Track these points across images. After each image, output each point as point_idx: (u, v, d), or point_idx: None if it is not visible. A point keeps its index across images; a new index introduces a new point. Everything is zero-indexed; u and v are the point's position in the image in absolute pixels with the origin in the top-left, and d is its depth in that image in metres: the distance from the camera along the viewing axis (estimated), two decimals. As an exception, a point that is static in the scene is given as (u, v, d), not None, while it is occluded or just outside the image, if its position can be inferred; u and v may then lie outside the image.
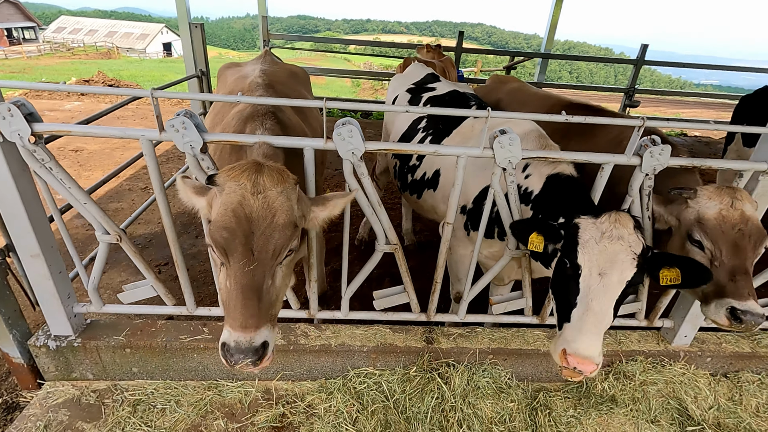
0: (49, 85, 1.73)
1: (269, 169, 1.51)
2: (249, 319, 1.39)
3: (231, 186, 1.46)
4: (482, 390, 2.35)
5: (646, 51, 8.26)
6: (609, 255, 1.60)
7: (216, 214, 1.46)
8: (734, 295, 1.74)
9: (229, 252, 1.42)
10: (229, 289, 1.44)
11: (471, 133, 2.43)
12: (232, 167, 1.51)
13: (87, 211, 1.96)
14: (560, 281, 1.75)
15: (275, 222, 1.44)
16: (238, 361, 1.40)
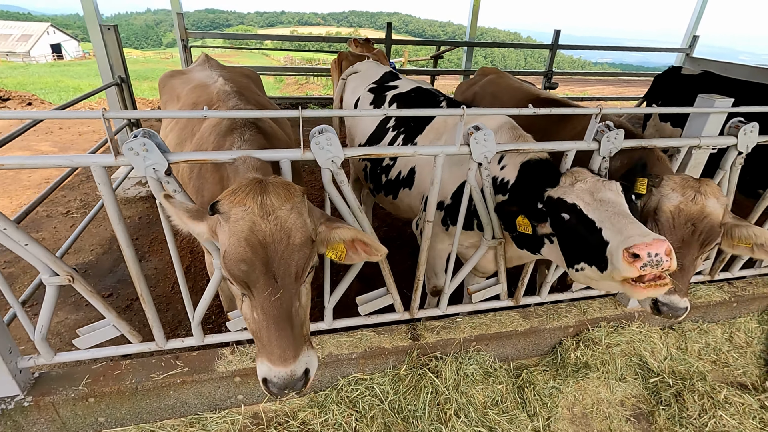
0: None
1: (274, 186, 1.39)
2: (286, 351, 1.33)
3: (237, 212, 1.33)
4: (471, 377, 2.43)
5: (559, 36, 8.90)
6: (588, 187, 1.68)
7: (228, 246, 1.33)
8: None
9: (250, 284, 1.33)
10: (257, 320, 1.36)
11: (444, 128, 2.45)
12: (233, 190, 1.37)
13: (29, 253, 1.70)
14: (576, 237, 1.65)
15: (292, 243, 1.35)
16: (284, 395, 1.36)
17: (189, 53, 7.54)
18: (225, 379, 2.25)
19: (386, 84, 3.16)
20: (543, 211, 1.80)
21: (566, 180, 1.73)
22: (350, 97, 3.47)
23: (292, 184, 1.45)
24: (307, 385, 1.39)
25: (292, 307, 1.37)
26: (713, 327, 2.99)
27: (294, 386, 1.35)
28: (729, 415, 2.30)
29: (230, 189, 1.41)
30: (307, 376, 1.38)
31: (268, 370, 1.34)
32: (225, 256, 1.34)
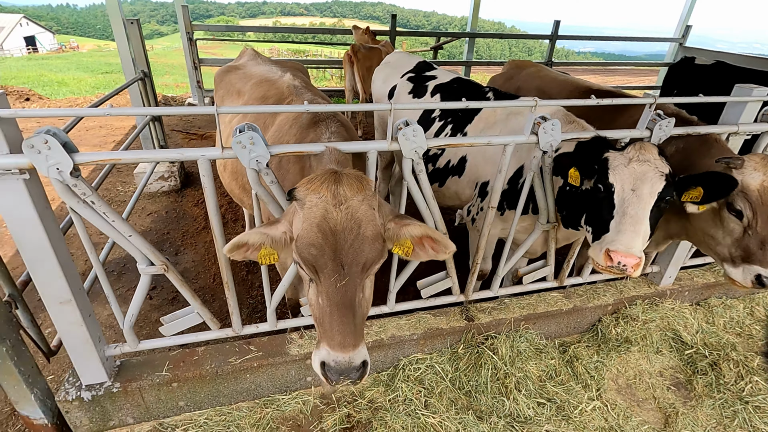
0: (91, 110, 1.52)
1: (348, 177, 1.44)
2: (347, 338, 1.34)
3: (312, 199, 1.39)
4: (524, 354, 2.59)
5: (559, 26, 9.05)
6: (638, 173, 1.86)
7: (301, 231, 1.39)
8: (762, 263, 1.95)
9: (318, 269, 1.37)
10: (321, 306, 1.40)
11: (494, 118, 2.57)
12: (311, 179, 1.44)
13: (131, 244, 1.78)
14: (595, 207, 1.96)
15: (362, 233, 1.38)
16: (339, 381, 1.37)
17: (194, 46, 7.47)
18: (297, 362, 2.36)
19: (424, 74, 3.25)
20: (594, 169, 1.96)
21: (630, 152, 1.88)
22: (382, 87, 3.56)
23: (366, 176, 1.50)
24: (362, 378, 1.39)
25: (355, 297, 1.38)
26: (735, 302, 3.20)
27: (350, 374, 1.35)
28: (764, 380, 2.50)
29: (307, 178, 1.46)
30: (365, 368, 1.39)
31: (327, 355, 1.35)
32: (297, 239, 1.39)
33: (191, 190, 5.19)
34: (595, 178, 1.98)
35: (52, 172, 1.48)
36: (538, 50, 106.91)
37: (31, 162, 1.46)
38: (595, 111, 2.77)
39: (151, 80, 4.62)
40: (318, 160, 1.78)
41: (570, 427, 2.25)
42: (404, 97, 3.18)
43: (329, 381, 1.36)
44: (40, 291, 1.77)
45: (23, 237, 1.63)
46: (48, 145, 1.43)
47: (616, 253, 1.78)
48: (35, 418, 2.06)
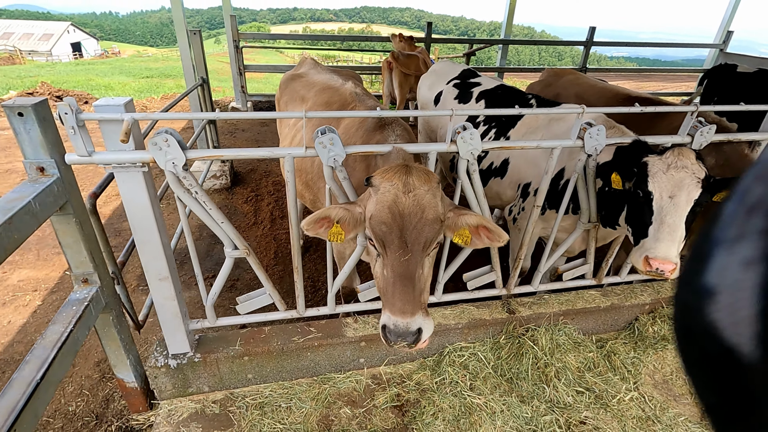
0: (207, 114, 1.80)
1: (417, 170, 1.68)
2: (406, 305, 1.57)
3: (386, 186, 1.64)
4: (562, 346, 2.73)
5: (594, 33, 9.06)
6: (676, 180, 1.99)
7: (374, 211, 1.64)
8: None
9: (386, 243, 1.61)
10: (386, 277, 1.63)
11: (536, 123, 2.75)
12: (385, 170, 1.69)
13: (222, 229, 2.05)
14: (635, 210, 2.12)
15: (425, 217, 1.61)
16: (397, 342, 1.57)
17: (240, 53, 7.90)
18: (353, 344, 2.59)
19: (468, 80, 3.45)
20: (634, 172, 2.11)
21: (669, 157, 2.02)
22: (428, 93, 3.78)
23: (431, 172, 1.74)
24: (417, 343, 1.57)
25: (416, 272, 1.60)
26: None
27: (406, 338, 1.55)
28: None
29: (382, 169, 1.72)
30: (420, 335, 1.57)
31: (388, 319, 1.57)
32: (371, 218, 1.64)
33: (240, 188, 5.54)
34: (635, 181, 2.12)
35: (169, 166, 1.76)
36: (568, 55, 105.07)
37: (152, 157, 1.74)
38: (633, 117, 2.90)
39: (208, 86, 5.00)
40: (385, 159, 2.01)
41: (608, 414, 2.39)
42: (450, 103, 3.38)
43: (388, 342, 1.59)
44: (145, 268, 2.07)
45: (137, 221, 1.92)
46: (168, 143, 1.72)
47: (654, 260, 1.98)
48: (128, 381, 2.36)
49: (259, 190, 5.48)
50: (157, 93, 21.83)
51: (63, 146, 1.79)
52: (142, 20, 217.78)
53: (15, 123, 1.62)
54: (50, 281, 3.70)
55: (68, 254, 1.92)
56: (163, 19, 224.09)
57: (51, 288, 3.62)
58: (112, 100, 1.72)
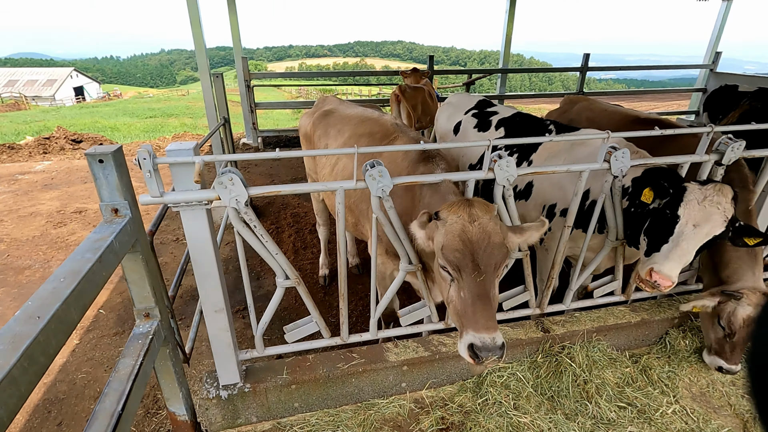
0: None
1: (478, 202, 1.88)
2: (489, 321, 1.71)
3: (452, 218, 1.82)
4: (598, 363, 2.79)
5: (588, 59, 9.46)
6: (706, 213, 2.13)
7: (445, 241, 1.80)
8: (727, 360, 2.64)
9: (461, 268, 1.76)
10: (464, 299, 1.77)
11: (557, 148, 2.90)
12: (450, 204, 1.88)
13: (276, 261, 2.16)
14: (658, 226, 2.26)
15: (492, 242, 1.79)
16: (487, 357, 1.69)
17: (252, 92, 8.22)
18: (395, 368, 2.64)
19: (486, 110, 3.64)
20: (670, 192, 2.24)
21: (710, 190, 2.15)
22: (446, 124, 3.97)
23: (489, 203, 1.92)
24: (502, 358, 1.71)
25: (491, 291, 1.76)
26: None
27: (495, 352, 1.66)
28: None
29: (447, 204, 1.89)
30: (504, 348, 1.70)
31: (473, 337, 1.68)
32: (443, 248, 1.80)
33: (261, 221, 5.66)
34: (667, 201, 2.25)
35: (232, 203, 1.89)
36: (558, 80, 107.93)
37: (218, 195, 1.88)
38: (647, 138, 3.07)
39: (229, 125, 5.22)
40: (434, 190, 2.15)
41: (652, 428, 2.42)
42: (470, 132, 3.56)
43: (477, 360, 1.69)
44: (203, 300, 2.17)
45: (199, 255, 2.04)
46: (232, 182, 1.85)
47: (657, 274, 2.15)
48: (179, 414, 2.40)
49: (279, 223, 5.60)
50: (161, 132, 22.35)
51: (133, 189, 1.92)
52: (143, 63, 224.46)
53: (95, 169, 1.75)
54: (85, 320, 3.77)
55: (133, 290, 2.02)
56: (162, 61, 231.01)
57: (86, 327, 3.68)
58: (181, 144, 1.87)
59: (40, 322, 1.21)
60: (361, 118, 3.10)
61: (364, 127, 2.97)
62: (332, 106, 3.54)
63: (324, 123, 3.37)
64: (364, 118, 3.08)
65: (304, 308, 3.89)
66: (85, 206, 6.14)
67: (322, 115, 3.47)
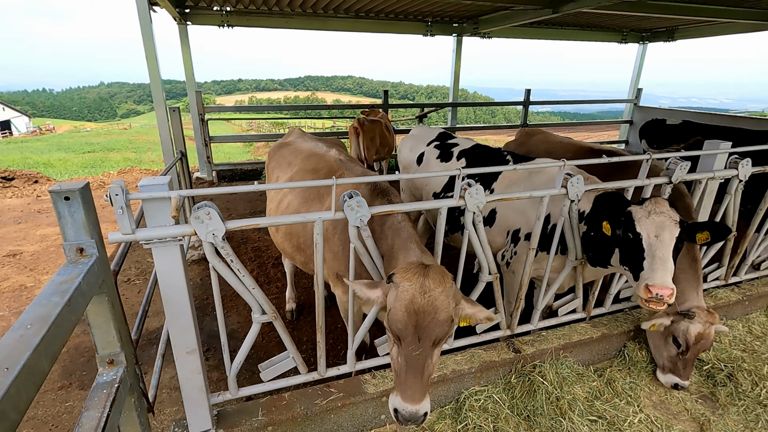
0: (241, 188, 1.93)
1: (434, 271, 1.83)
2: (416, 393, 1.76)
3: (405, 285, 1.79)
4: (568, 379, 2.90)
5: (530, 94, 10.24)
6: (658, 223, 2.34)
7: (393, 308, 1.80)
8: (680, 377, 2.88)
9: (401, 338, 1.79)
10: (399, 363, 1.82)
11: (516, 177, 3.09)
12: (406, 269, 1.84)
13: (252, 295, 2.10)
14: (629, 251, 2.43)
15: (437, 318, 1.76)
16: (407, 425, 1.79)
17: (206, 126, 8.07)
18: (374, 400, 2.60)
19: (447, 141, 3.83)
20: (622, 220, 2.44)
21: (648, 206, 2.38)
22: (409, 155, 4.11)
23: (447, 272, 1.89)
24: (422, 423, 1.80)
25: (425, 363, 1.78)
26: (734, 323, 3.64)
27: (416, 421, 1.77)
28: (775, 384, 2.89)
29: (403, 266, 1.87)
30: (425, 417, 1.78)
31: (400, 404, 1.77)
32: (390, 313, 1.81)
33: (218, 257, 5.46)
34: (624, 228, 2.45)
35: (209, 237, 1.85)
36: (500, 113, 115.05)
37: (194, 230, 1.82)
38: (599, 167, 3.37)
39: (186, 159, 5.08)
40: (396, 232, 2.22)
41: (623, 439, 2.54)
42: (433, 162, 3.72)
43: (399, 423, 1.79)
44: (174, 342, 2.05)
45: (171, 294, 1.94)
46: (210, 216, 1.82)
47: (653, 286, 2.26)
48: (144, 471, 2.21)
49: (240, 257, 5.42)
50: (102, 167, 21.17)
51: (100, 227, 1.83)
52: (79, 96, 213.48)
53: (60, 207, 1.66)
54: (24, 375, 3.39)
55: (97, 335, 1.88)
56: (101, 94, 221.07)
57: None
58: (153, 179, 1.82)
59: (10, 374, 1.11)
60: (309, 153, 3.13)
61: (310, 163, 3.01)
62: (291, 139, 3.59)
63: (278, 155, 3.41)
64: (312, 153, 3.12)
65: (272, 345, 3.76)
66: (20, 248, 5.62)
67: (278, 146, 3.52)
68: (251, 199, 7.84)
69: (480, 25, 9.17)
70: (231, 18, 8.00)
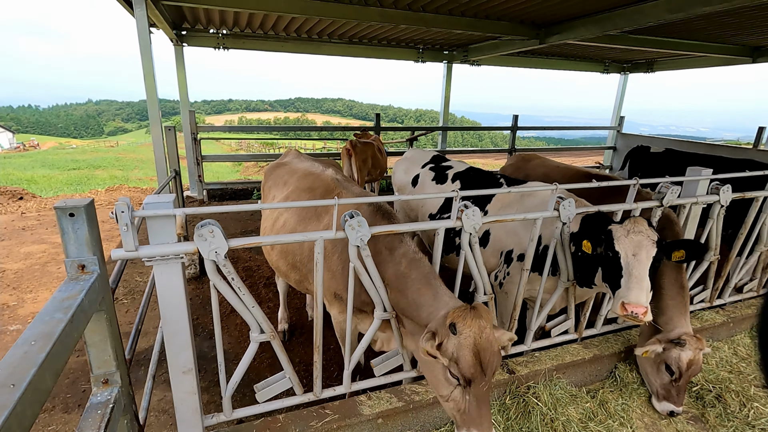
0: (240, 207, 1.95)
1: (482, 310, 1.97)
2: (490, 423, 1.93)
3: (466, 332, 1.90)
4: (561, 400, 2.92)
5: (518, 119, 10.54)
6: (636, 242, 2.44)
7: (461, 356, 1.89)
8: (675, 404, 2.90)
9: (473, 379, 1.89)
10: (469, 401, 1.93)
11: (509, 200, 3.18)
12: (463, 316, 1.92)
13: (252, 314, 2.10)
14: (608, 268, 2.54)
15: (496, 351, 1.94)
16: None
17: (198, 145, 8.10)
18: (370, 422, 2.57)
19: (441, 164, 3.92)
20: (602, 239, 2.53)
21: (628, 224, 2.47)
22: (404, 177, 4.19)
23: (488, 309, 2.05)
24: None
25: (489, 393, 1.96)
26: (720, 344, 3.72)
27: None
28: (762, 405, 2.94)
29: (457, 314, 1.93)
30: None
31: None
32: (459, 362, 1.89)
33: (206, 278, 5.40)
34: (604, 245, 2.54)
35: (212, 255, 1.86)
36: (487, 137, 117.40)
37: (197, 247, 1.84)
38: (591, 190, 3.49)
39: (180, 178, 5.08)
40: (412, 264, 2.25)
41: (617, 461, 2.55)
42: (429, 184, 3.80)
43: None
44: (170, 361, 2.03)
45: (171, 312, 1.94)
46: (213, 234, 1.84)
47: (628, 305, 2.37)
48: (132, 497, 2.14)
49: (230, 277, 5.37)
50: (89, 185, 20.89)
51: (102, 243, 1.83)
52: (66, 113, 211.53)
53: (64, 223, 1.66)
54: None
55: (93, 354, 1.85)
56: (89, 112, 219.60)
57: None
58: (159, 197, 1.84)
59: (16, 390, 1.11)
60: (305, 173, 3.17)
61: (306, 182, 3.04)
62: (287, 159, 3.63)
63: (275, 174, 3.45)
64: (308, 172, 3.16)
65: (263, 366, 3.71)
66: (2, 266, 5.48)
67: (274, 166, 3.56)
68: (242, 219, 7.82)
69: (470, 53, 9.49)
70: (227, 41, 8.14)
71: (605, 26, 5.88)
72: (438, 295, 2.14)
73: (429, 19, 6.28)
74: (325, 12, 5.76)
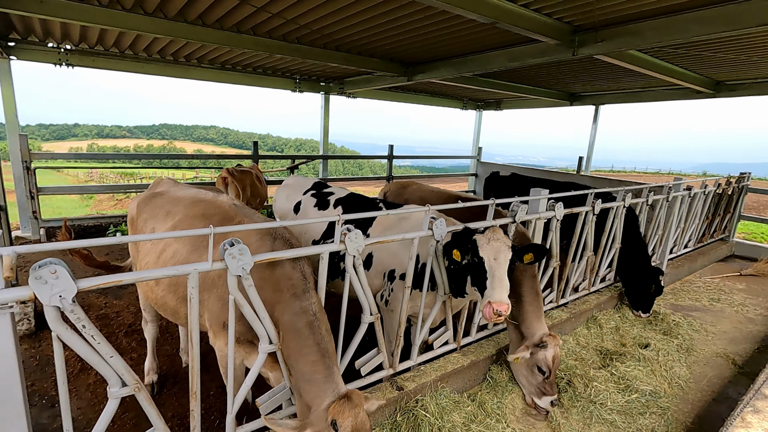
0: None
1: (357, 397, 2.11)
2: None
3: (345, 424, 2.02)
4: (446, 408, 3.10)
5: (393, 149, 11.26)
6: (495, 248, 2.81)
7: None
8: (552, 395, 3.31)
9: None
10: None
11: (389, 222, 3.35)
12: (342, 410, 2.04)
13: (109, 365, 1.81)
14: (476, 273, 2.85)
15: (368, 428, 2.10)
16: None
17: (33, 175, 6.85)
18: (259, 468, 2.38)
19: (323, 190, 3.97)
20: (469, 247, 2.85)
21: (488, 234, 2.83)
22: (285, 204, 4.12)
23: (360, 394, 2.15)
24: None
25: None
26: (567, 337, 4.40)
27: None
28: (599, 382, 3.54)
29: (341, 408, 2.04)
30: None
31: None
32: None
33: (48, 332, 4.48)
34: (471, 253, 2.86)
35: (54, 301, 1.58)
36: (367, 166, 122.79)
37: (33, 293, 1.54)
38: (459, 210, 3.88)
39: (6, 214, 4.20)
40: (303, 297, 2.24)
41: (496, 455, 2.79)
42: (311, 210, 3.79)
43: None
44: (-5, 440, 1.62)
45: (-5, 376, 1.56)
46: (56, 274, 1.56)
47: (494, 303, 2.67)
48: None
49: (80, 329, 4.54)
50: None
51: None
52: None
53: None
54: None
55: None
56: None
57: None
58: (-23, 234, 1.50)
59: None
60: (194, 200, 2.90)
61: (197, 209, 2.77)
62: (162, 189, 3.28)
63: (151, 205, 3.07)
64: (197, 199, 2.90)
65: (126, 429, 3.18)
66: None
67: (150, 197, 3.17)
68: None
69: (345, 85, 9.93)
70: (72, 57, 7.14)
71: (461, 69, 6.77)
72: (329, 377, 2.17)
73: (305, 51, 6.42)
74: (193, 35, 5.47)
